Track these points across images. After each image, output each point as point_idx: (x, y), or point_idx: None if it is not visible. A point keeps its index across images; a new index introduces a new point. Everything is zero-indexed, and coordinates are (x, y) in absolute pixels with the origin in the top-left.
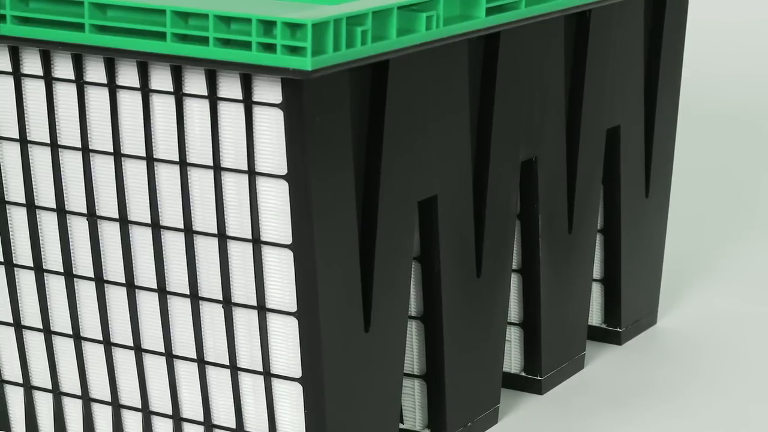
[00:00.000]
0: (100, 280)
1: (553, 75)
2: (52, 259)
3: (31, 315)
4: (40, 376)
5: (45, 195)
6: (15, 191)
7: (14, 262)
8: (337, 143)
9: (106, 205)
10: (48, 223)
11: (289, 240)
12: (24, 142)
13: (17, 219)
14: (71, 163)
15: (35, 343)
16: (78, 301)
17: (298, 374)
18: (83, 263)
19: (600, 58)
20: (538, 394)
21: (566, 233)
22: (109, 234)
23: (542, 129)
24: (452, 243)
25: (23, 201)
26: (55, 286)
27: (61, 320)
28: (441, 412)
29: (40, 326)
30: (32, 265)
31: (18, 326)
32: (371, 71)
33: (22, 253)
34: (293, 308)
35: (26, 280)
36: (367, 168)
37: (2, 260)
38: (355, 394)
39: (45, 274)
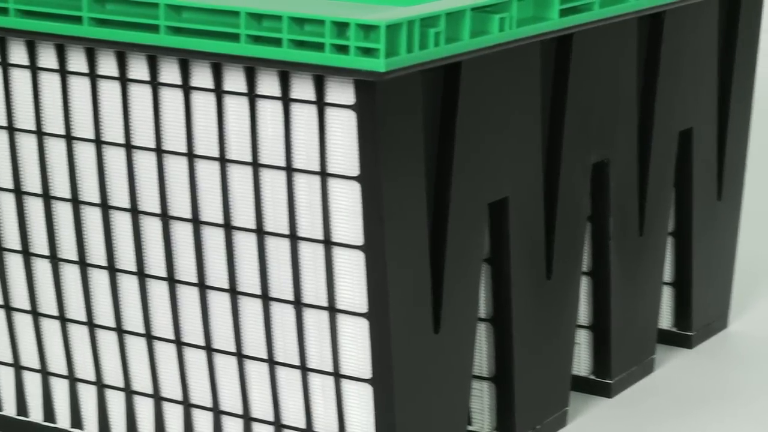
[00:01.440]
0: (171, 280)
1: (626, 77)
2: (125, 258)
3: (104, 314)
4: (113, 374)
5: (119, 195)
6: (89, 191)
7: (88, 261)
8: (409, 145)
9: (180, 205)
10: (121, 223)
11: (360, 241)
12: (99, 143)
13: (92, 219)
14: (145, 163)
15: (108, 342)
16: (150, 300)
17: (368, 375)
18: (156, 263)
19: (673, 59)
20: (607, 398)
21: (637, 236)
22: (182, 234)
23: (614, 131)
24: (523, 245)
25: (98, 201)
26: (127, 285)
27: (133, 320)
28: (509, 415)
29: (114, 325)
30: (106, 265)
31: (91, 325)
32: (443, 73)
33: (96, 253)
34: (364, 309)
35: (100, 280)
36: (438, 169)
37: (79, 259)
38: (424, 396)
39: (117, 273)
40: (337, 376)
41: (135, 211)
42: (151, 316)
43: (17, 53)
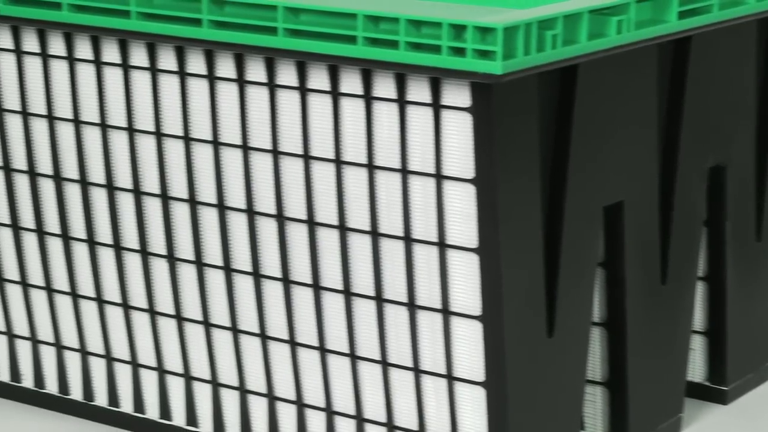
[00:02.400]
0: (286, 281)
1: (745, 80)
2: (241, 258)
3: (219, 314)
4: (228, 373)
5: (236, 197)
6: (206, 192)
7: (203, 261)
8: (525, 147)
9: (295, 206)
10: (238, 224)
11: (474, 244)
12: (216, 143)
13: (209, 220)
14: (261, 165)
15: (223, 341)
16: (265, 300)
17: (482, 378)
18: (271, 263)
19: None
20: (722, 404)
21: (755, 240)
22: (297, 235)
23: (732, 135)
24: (638, 249)
25: (215, 202)
26: (243, 285)
27: (248, 319)
28: (623, 420)
29: (229, 325)
30: (222, 265)
31: (207, 324)
32: (559, 75)
33: (212, 253)
34: (477, 312)
35: (216, 280)
36: (553, 172)
37: (195, 259)
38: (538, 399)
39: (233, 273)
40: (450, 378)
41: (251, 212)
42: (266, 316)
43: (138, 55)
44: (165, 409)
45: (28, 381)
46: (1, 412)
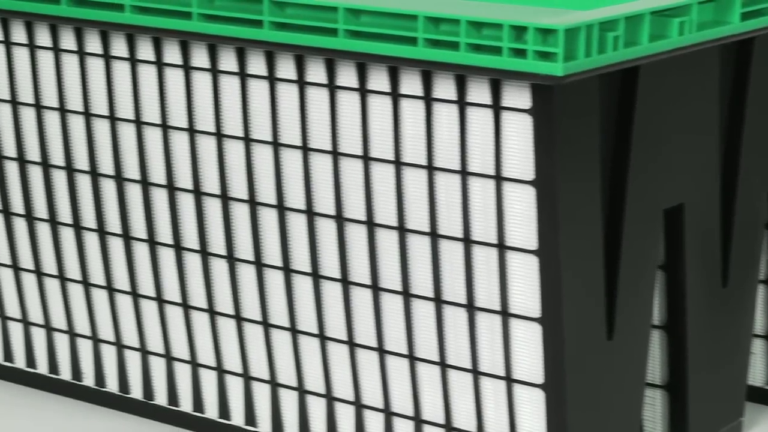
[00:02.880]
0: (345, 282)
1: None
2: (300, 259)
3: (278, 314)
4: (287, 374)
5: (295, 197)
6: (266, 192)
7: (263, 261)
8: (586, 149)
9: (355, 208)
10: (297, 225)
11: (534, 246)
12: (276, 144)
13: (268, 220)
14: (321, 166)
15: (282, 341)
16: (324, 301)
17: (541, 380)
18: (330, 264)
19: None
20: None
21: None
22: (357, 237)
23: None
24: (698, 252)
25: (275, 202)
26: (302, 286)
27: (307, 320)
28: (683, 424)
29: (288, 325)
30: (282, 266)
31: (266, 325)
32: (620, 77)
33: (272, 253)
34: (537, 314)
35: (275, 280)
36: (613, 175)
37: (255, 259)
38: (597, 402)
39: (292, 274)
40: (509, 380)
41: (311, 213)
42: (325, 317)
43: (199, 56)
44: (224, 409)
45: (89, 379)
46: (62, 410)
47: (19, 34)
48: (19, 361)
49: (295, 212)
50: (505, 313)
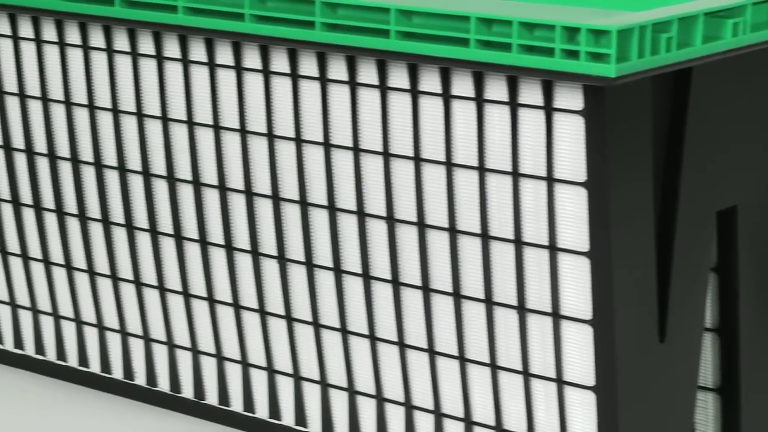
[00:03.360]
0: (396, 282)
1: None
2: (351, 260)
3: (329, 314)
4: (337, 374)
5: (346, 198)
6: (317, 193)
7: (314, 262)
8: (638, 151)
9: (405, 208)
10: (348, 225)
11: (586, 247)
12: (327, 145)
13: (319, 221)
14: (372, 166)
15: (333, 342)
16: (374, 302)
17: (592, 382)
18: (381, 265)
19: None
20: None
21: None
22: (407, 237)
23: None
24: (752, 254)
25: (325, 203)
26: (352, 287)
27: (357, 321)
28: (735, 428)
29: (338, 326)
30: (332, 266)
31: (316, 325)
32: (673, 78)
33: (323, 254)
34: (588, 316)
35: (325, 281)
36: (666, 176)
37: (305, 260)
38: (649, 405)
39: (343, 275)
40: (560, 382)
41: (362, 214)
42: (375, 318)
43: (251, 58)
44: (274, 409)
45: (140, 379)
46: (114, 409)
47: (72, 35)
48: (72, 360)
49: (345, 213)
50: (556, 315)
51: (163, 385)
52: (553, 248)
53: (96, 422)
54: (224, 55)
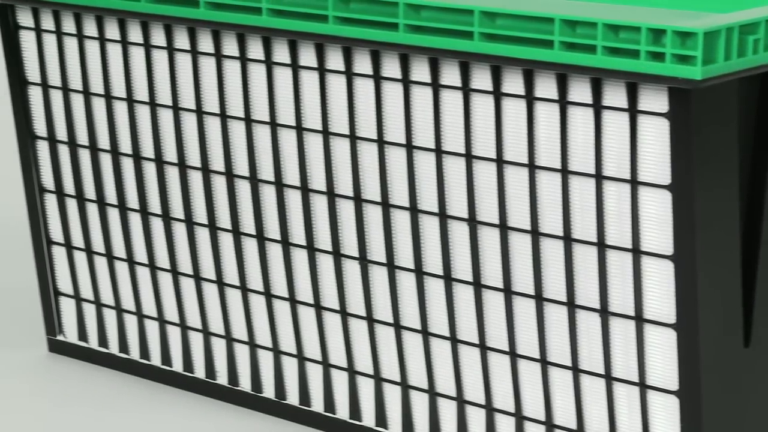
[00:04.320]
0: (477, 285)
1: None
2: (433, 262)
3: (410, 316)
4: (418, 376)
5: (428, 200)
6: (399, 195)
7: (396, 264)
8: (723, 154)
9: (487, 210)
10: (430, 227)
11: (670, 251)
12: (409, 147)
13: (401, 223)
14: (453, 168)
15: (413, 344)
16: (456, 304)
17: (675, 387)
18: (462, 267)
19: None
20: None
21: None
22: (489, 240)
23: None
24: None
25: (407, 204)
26: (434, 288)
27: (439, 323)
28: None
29: (419, 328)
30: (414, 268)
31: (397, 327)
32: (759, 80)
33: (404, 255)
34: (672, 320)
35: (407, 283)
36: (752, 180)
37: (386, 261)
38: (733, 411)
39: (425, 276)
40: (643, 386)
41: (443, 216)
42: (457, 320)
43: (334, 60)
44: (355, 410)
45: (222, 378)
46: (197, 408)
47: (158, 37)
48: (155, 359)
49: (427, 215)
50: (639, 319)
51: (245, 384)
52: (636, 251)
53: (179, 420)
54: (307, 56)
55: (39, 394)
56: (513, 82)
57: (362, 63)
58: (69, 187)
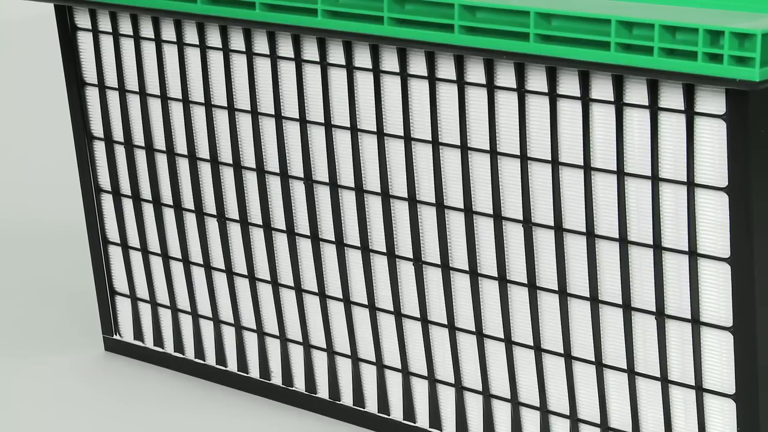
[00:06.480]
0: (532, 287)
1: None
2: (487, 263)
3: (464, 318)
4: (471, 377)
5: (482, 201)
6: (454, 196)
7: (451, 265)
8: None
9: (542, 213)
10: (484, 228)
11: (727, 254)
12: (465, 148)
13: (456, 224)
14: (508, 169)
15: (467, 345)
16: (511, 306)
17: (732, 390)
18: (517, 269)
19: None
20: None
21: None
22: (543, 241)
23: None
24: None
25: (462, 206)
26: (488, 290)
27: (492, 324)
28: None
29: (473, 329)
30: (468, 269)
31: (452, 328)
32: None
33: (458, 256)
34: (729, 323)
35: (462, 285)
36: None
37: (441, 263)
38: None
39: (480, 278)
40: (699, 389)
41: (498, 218)
42: (511, 322)
43: (389, 60)
44: (409, 411)
45: (277, 378)
46: (251, 408)
47: (213, 37)
48: (210, 359)
49: (481, 216)
50: (695, 322)
51: (299, 385)
52: (693, 254)
53: (233, 420)
54: (362, 58)
55: (95, 393)
56: (569, 84)
57: (417, 64)
58: (125, 187)
